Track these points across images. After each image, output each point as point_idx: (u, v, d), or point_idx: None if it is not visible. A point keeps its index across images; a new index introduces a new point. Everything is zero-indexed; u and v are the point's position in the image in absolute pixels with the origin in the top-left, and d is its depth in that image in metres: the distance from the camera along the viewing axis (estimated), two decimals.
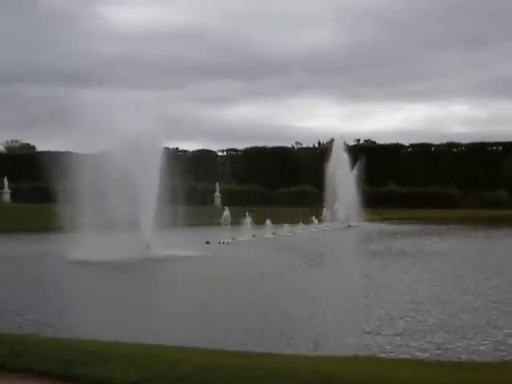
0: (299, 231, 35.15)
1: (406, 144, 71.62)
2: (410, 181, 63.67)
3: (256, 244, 28.42)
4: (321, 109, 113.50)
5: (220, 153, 76.26)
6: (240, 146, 76.08)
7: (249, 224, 32.21)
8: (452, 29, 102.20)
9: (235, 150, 75.91)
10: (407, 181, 63.69)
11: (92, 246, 21.01)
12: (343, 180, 45.62)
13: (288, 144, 75.94)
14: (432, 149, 70.47)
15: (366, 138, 79.04)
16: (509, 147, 66.29)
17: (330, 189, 45.72)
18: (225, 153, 76.49)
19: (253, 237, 30.41)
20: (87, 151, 24.44)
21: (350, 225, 41.59)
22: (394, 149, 70.53)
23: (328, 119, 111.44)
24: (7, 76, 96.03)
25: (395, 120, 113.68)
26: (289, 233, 34.02)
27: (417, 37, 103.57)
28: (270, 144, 73.62)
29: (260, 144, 73.96)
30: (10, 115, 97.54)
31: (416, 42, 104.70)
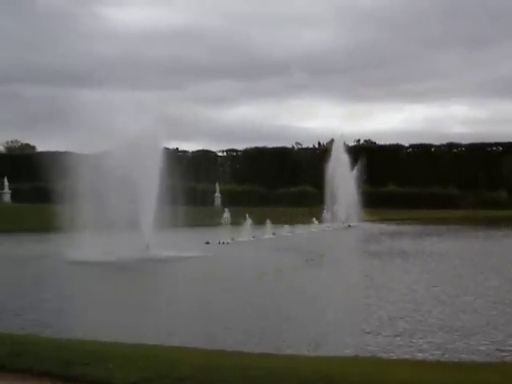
0: (299, 231, 35.14)
1: (406, 144, 71.67)
2: (410, 181, 63.66)
3: (256, 244, 28.41)
4: (321, 109, 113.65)
5: (220, 153, 76.30)
6: (240, 147, 76.16)
7: (249, 224, 32.20)
8: (452, 29, 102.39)
9: (235, 151, 75.87)
10: (407, 181, 63.68)
11: (92, 247, 21.03)
12: (343, 180, 45.64)
13: (288, 144, 76.05)
14: (432, 149, 70.46)
15: (366, 139, 79.03)
16: (509, 148, 66.28)
17: (330, 189, 45.74)
18: (225, 153, 76.47)
19: (253, 237, 30.40)
20: (87, 151, 24.48)
21: (350, 225, 41.61)
22: (394, 149, 70.52)
23: (328, 119, 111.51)
24: (7, 76, 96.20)
25: (395, 120, 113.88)
26: (289, 233, 34.02)
27: (417, 37, 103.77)
28: (270, 144, 73.71)
29: (260, 144, 74.01)
30: (10, 115, 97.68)
31: (416, 43, 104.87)
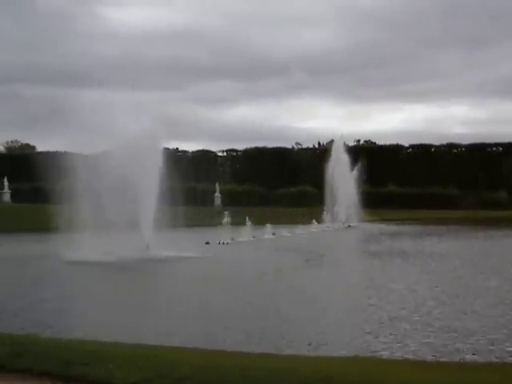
0: (299, 232, 35.14)
1: (406, 145, 71.66)
2: (410, 181, 63.66)
3: (256, 244, 28.41)
4: (321, 109, 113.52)
5: (220, 153, 76.23)
6: (240, 147, 76.09)
7: (248, 225, 32.19)
8: (452, 29, 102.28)
9: (235, 151, 75.85)
10: (407, 181, 63.68)
11: (92, 247, 21.04)
12: (343, 181, 45.67)
13: (288, 145, 76.04)
14: (432, 149, 70.46)
15: (366, 139, 79.03)
16: (509, 148, 66.28)
17: (330, 189, 45.76)
18: (225, 153, 76.43)
19: (253, 237, 30.40)
20: (87, 151, 24.49)
21: (350, 225, 41.62)
22: (394, 149, 70.52)
23: (328, 120, 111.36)
24: (7, 76, 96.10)
25: (395, 121, 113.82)
26: (289, 233, 34.03)
27: (417, 37, 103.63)
28: (270, 144, 73.68)
29: (260, 144, 73.99)
30: (10, 115, 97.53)
31: (416, 43, 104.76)
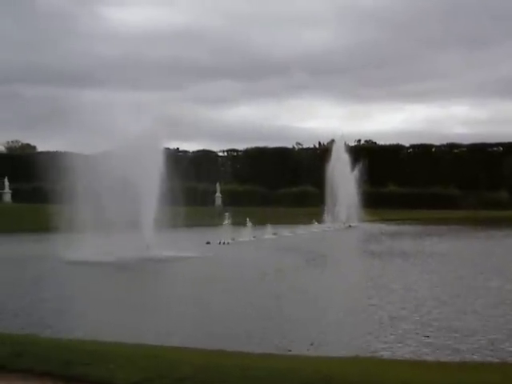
0: (300, 232, 35.15)
1: (407, 145, 71.64)
2: (411, 181, 63.64)
3: (257, 244, 28.41)
4: (321, 109, 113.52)
5: (221, 153, 76.23)
6: (241, 147, 76.08)
7: (249, 224, 32.19)
8: (453, 29, 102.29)
9: (236, 151, 75.84)
10: (408, 181, 63.67)
11: (92, 247, 21.03)
12: (344, 180, 45.66)
13: (289, 144, 76.02)
14: (433, 149, 70.45)
15: (367, 139, 79.02)
16: (509, 148, 66.25)
17: (331, 189, 45.75)
18: (225, 153, 76.42)
19: (253, 237, 30.39)
20: (88, 152, 24.49)
21: (351, 225, 41.61)
22: (395, 149, 70.50)
23: (328, 120, 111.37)
24: (8, 76, 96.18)
25: (396, 121, 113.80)
26: (289, 233, 34.03)
27: (417, 37, 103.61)
28: (271, 144, 73.68)
29: (261, 144, 73.97)
30: (11, 116, 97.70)
31: (417, 43, 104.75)
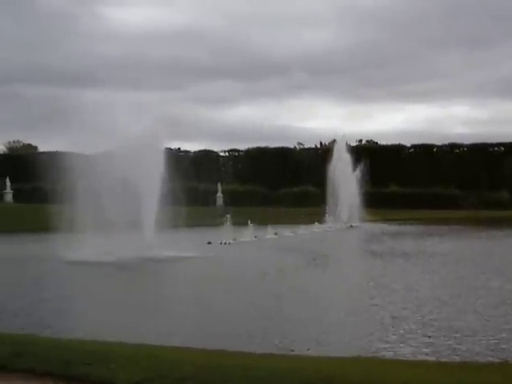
0: (301, 232, 35.13)
1: (408, 145, 71.55)
2: (412, 181, 63.55)
3: (258, 244, 28.40)
4: (321, 109, 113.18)
5: (222, 153, 76.11)
6: (241, 147, 75.94)
7: (250, 224, 32.17)
8: (453, 29, 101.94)
9: (237, 151, 75.76)
10: (409, 181, 63.57)
11: (93, 247, 21.04)
12: (345, 180, 45.65)
13: (289, 144, 75.89)
14: (434, 149, 70.37)
15: (368, 139, 78.98)
16: (510, 148, 66.13)
17: (332, 189, 45.74)
18: (227, 153, 76.35)
19: (255, 237, 30.38)
20: (89, 152, 24.50)
21: (352, 225, 41.58)
22: (396, 149, 70.39)
23: (329, 120, 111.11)
24: (9, 76, 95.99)
25: (396, 121, 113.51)
26: (291, 233, 34.02)
27: (418, 37, 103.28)
28: (272, 144, 73.58)
29: (261, 144, 73.90)
30: (12, 116, 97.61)
31: (417, 43, 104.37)
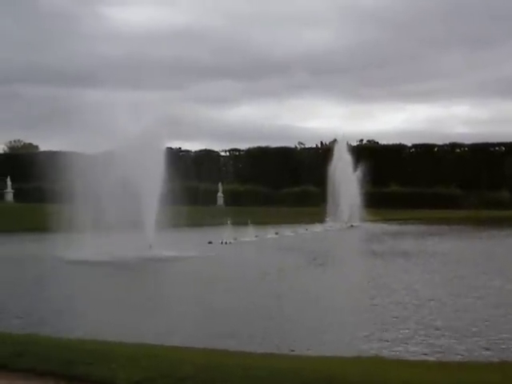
0: (302, 231, 35.15)
1: (409, 144, 71.53)
2: (413, 181, 63.53)
3: (259, 244, 28.41)
4: (322, 109, 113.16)
5: (223, 153, 76.12)
6: (242, 147, 75.95)
7: (251, 224, 32.15)
8: (454, 29, 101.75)
9: (238, 150, 75.76)
10: (409, 181, 63.55)
11: (94, 247, 21.05)
12: (346, 180, 45.62)
13: (290, 144, 75.89)
14: (435, 149, 70.35)
15: (369, 139, 78.96)
16: (511, 148, 66.18)
17: (333, 189, 45.73)
18: (227, 153, 76.36)
19: (255, 237, 30.38)
20: (90, 151, 24.51)
21: (353, 225, 41.56)
22: (397, 149, 70.36)
23: (330, 119, 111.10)
24: (11, 76, 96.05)
25: (397, 120, 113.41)
26: (291, 233, 34.02)
27: (419, 37, 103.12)
28: (273, 144, 73.58)
29: (262, 144, 73.89)
30: (13, 115, 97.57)
31: (418, 43, 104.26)
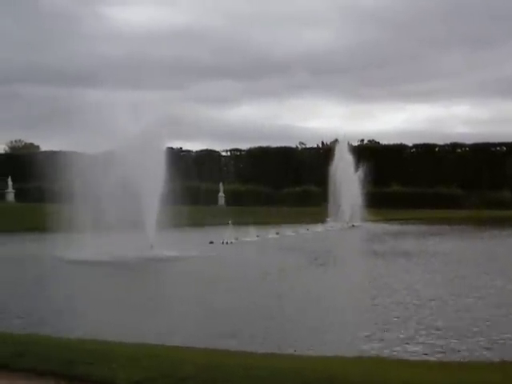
0: (303, 231, 35.16)
1: (410, 144, 71.50)
2: (414, 181, 63.51)
3: (260, 244, 28.41)
4: (323, 109, 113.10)
5: (224, 153, 76.15)
6: (243, 146, 75.94)
7: (252, 224, 32.18)
8: (455, 29, 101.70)
9: (239, 150, 75.76)
10: (411, 181, 63.53)
11: (95, 246, 21.05)
12: (347, 180, 45.62)
13: (291, 144, 75.88)
14: (436, 149, 70.33)
15: (370, 139, 78.97)
16: None
17: (334, 189, 45.72)
18: (228, 153, 76.37)
19: (256, 237, 30.39)
20: (91, 151, 24.51)
21: (354, 225, 41.55)
22: (398, 149, 70.33)
23: (330, 119, 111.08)
24: (10, 76, 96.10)
25: (397, 120, 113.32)
26: (292, 233, 34.03)
27: (419, 37, 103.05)
28: (273, 144, 73.59)
29: (263, 144, 73.90)
30: (14, 115, 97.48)
31: (418, 42, 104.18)
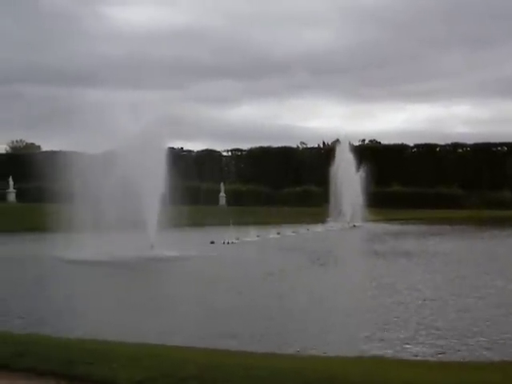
0: (304, 231, 35.15)
1: (411, 144, 71.50)
2: (415, 181, 63.50)
3: (261, 244, 28.42)
4: (323, 109, 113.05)
5: (225, 153, 76.15)
6: (244, 146, 75.95)
7: (253, 224, 32.18)
8: (455, 29, 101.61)
9: (240, 150, 75.78)
10: (411, 181, 63.52)
11: (96, 246, 21.06)
12: (348, 180, 45.62)
13: (291, 144, 75.88)
14: (437, 149, 70.32)
15: (370, 139, 78.99)
16: None
17: (335, 189, 45.72)
18: (229, 153, 76.39)
19: (257, 237, 30.39)
20: (92, 151, 24.53)
21: (355, 225, 41.54)
22: (399, 149, 70.30)
23: (331, 119, 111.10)
24: (11, 76, 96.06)
25: (397, 120, 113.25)
26: (293, 233, 34.03)
27: (419, 37, 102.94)
28: (274, 144, 73.59)
29: (263, 144, 73.90)
30: (15, 115, 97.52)
31: (419, 42, 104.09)
